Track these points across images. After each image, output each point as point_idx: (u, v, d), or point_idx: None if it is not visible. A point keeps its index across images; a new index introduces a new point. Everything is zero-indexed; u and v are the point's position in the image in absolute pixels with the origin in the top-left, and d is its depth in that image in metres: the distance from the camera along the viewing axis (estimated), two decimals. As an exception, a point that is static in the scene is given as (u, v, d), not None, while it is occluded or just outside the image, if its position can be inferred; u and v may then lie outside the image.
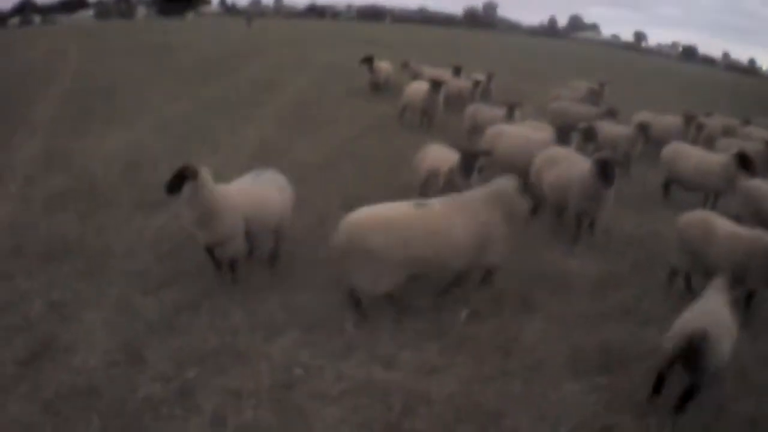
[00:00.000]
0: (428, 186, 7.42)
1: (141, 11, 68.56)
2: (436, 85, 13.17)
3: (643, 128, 11.20)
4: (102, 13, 62.53)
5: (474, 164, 7.11)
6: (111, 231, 7.16)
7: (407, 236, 5.24)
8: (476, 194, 5.91)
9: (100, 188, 8.62)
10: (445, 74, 17.19)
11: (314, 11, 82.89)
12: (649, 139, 11.54)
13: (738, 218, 7.36)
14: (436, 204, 5.67)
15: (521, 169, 8.47)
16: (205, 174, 5.47)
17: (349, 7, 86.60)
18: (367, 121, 14.09)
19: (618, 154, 9.80)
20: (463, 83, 16.36)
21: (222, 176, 6.12)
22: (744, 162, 8.96)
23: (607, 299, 6.49)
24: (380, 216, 5.34)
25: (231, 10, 73.70)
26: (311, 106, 15.28)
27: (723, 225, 6.32)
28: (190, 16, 65.08)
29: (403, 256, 5.24)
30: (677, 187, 10.27)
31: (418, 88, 13.79)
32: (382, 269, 5.26)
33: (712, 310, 4.70)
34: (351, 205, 8.11)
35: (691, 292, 6.50)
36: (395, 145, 11.64)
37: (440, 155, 7.77)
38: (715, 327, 4.44)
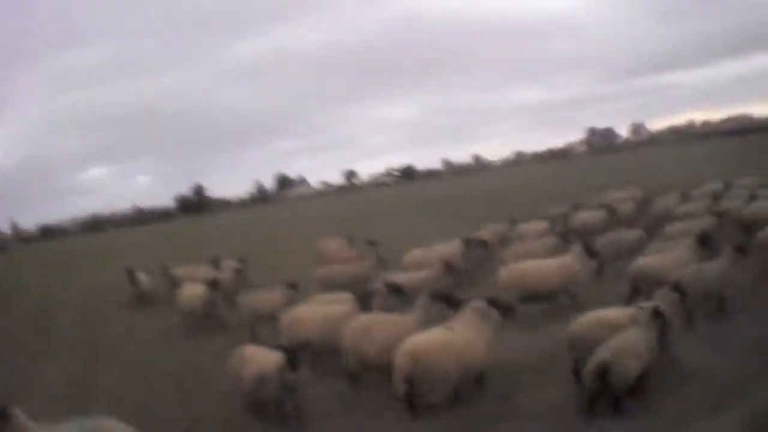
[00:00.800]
0: (260, 388, 7.95)
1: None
2: (214, 284, 13.46)
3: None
4: None
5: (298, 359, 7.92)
6: None
7: None
8: None
9: None
10: (201, 270, 17.62)
11: (48, 233, 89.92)
12: None
13: None
14: None
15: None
16: (19, 413, 5.91)
17: (75, 220, 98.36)
18: (149, 335, 13.66)
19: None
20: (226, 274, 16.60)
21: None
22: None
23: None
24: None
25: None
26: (87, 328, 14.30)
27: None
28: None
29: None
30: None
31: (193, 292, 13.73)
32: None
33: None
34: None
35: None
36: (191, 355, 11.48)
37: (259, 356, 8.43)
38: None
